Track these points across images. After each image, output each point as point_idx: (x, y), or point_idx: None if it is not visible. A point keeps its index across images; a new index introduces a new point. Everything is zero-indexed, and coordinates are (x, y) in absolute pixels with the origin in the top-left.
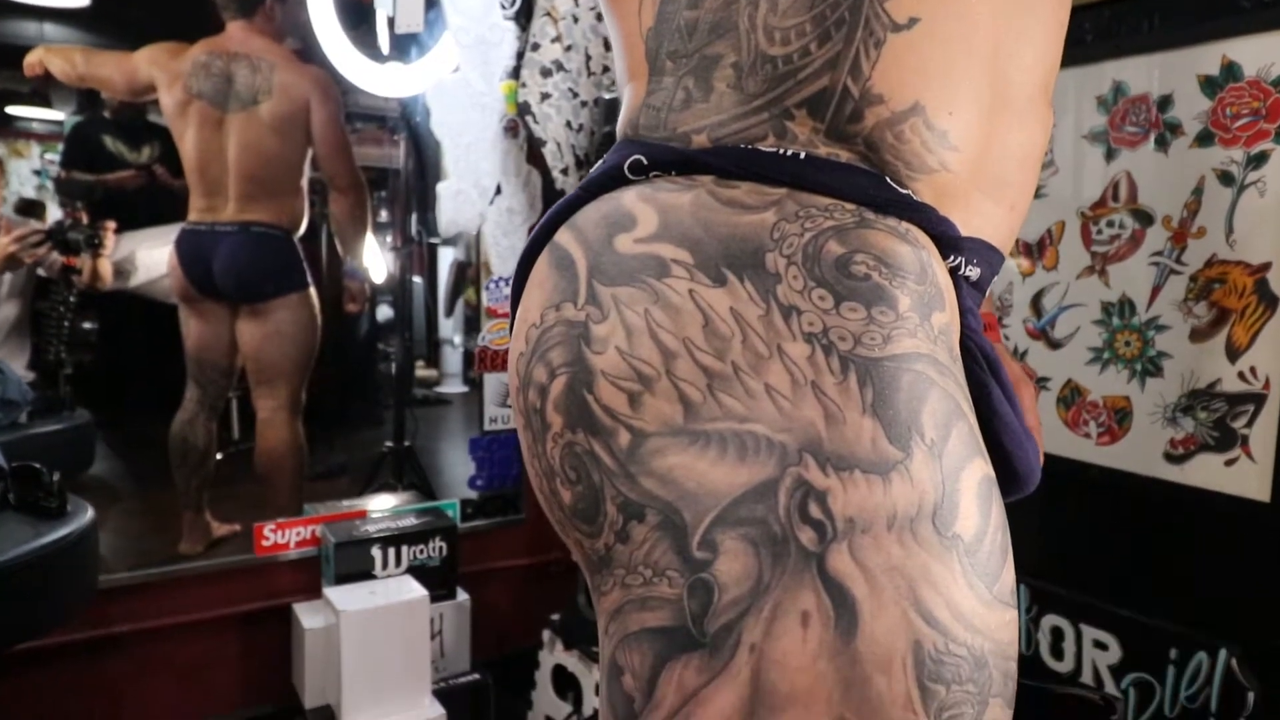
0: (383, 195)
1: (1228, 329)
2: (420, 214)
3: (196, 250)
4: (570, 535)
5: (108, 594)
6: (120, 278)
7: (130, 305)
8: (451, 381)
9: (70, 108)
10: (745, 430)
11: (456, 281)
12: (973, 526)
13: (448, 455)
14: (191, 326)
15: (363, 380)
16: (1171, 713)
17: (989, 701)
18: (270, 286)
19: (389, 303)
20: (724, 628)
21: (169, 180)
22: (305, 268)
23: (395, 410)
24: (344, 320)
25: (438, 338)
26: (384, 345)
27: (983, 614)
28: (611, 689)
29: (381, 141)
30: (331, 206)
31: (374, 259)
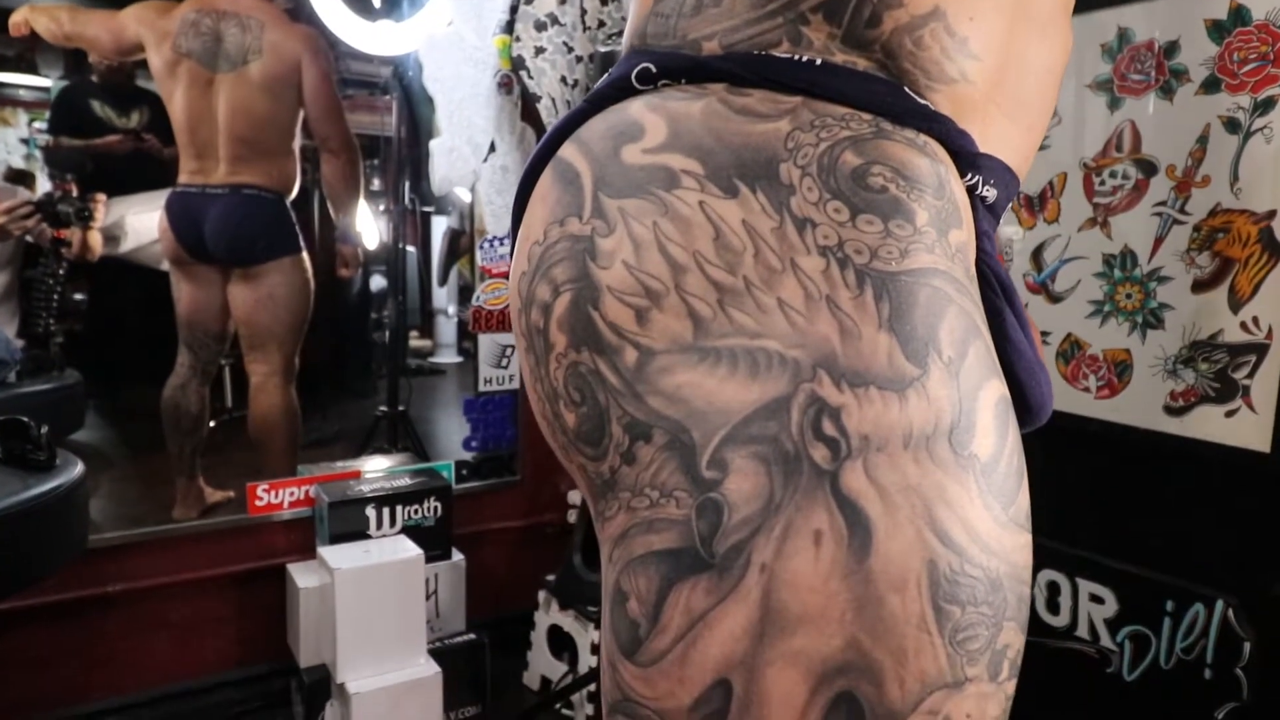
0: (375, 163)
1: (1230, 279)
2: (413, 182)
3: (187, 213)
4: (574, 460)
5: (100, 553)
6: (110, 243)
7: (120, 275)
8: (445, 352)
9: (57, 72)
10: (757, 346)
11: (450, 249)
12: (990, 447)
13: (442, 423)
14: (183, 290)
15: (356, 349)
16: (1167, 664)
17: (1003, 625)
18: (262, 250)
19: (382, 272)
20: (733, 548)
21: (158, 148)
22: (298, 231)
23: (389, 377)
24: (337, 287)
25: (431, 308)
26: (377, 314)
27: (998, 535)
28: (615, 616)
29: (374, 108)
30: (324, 169)
31: (367, 224)
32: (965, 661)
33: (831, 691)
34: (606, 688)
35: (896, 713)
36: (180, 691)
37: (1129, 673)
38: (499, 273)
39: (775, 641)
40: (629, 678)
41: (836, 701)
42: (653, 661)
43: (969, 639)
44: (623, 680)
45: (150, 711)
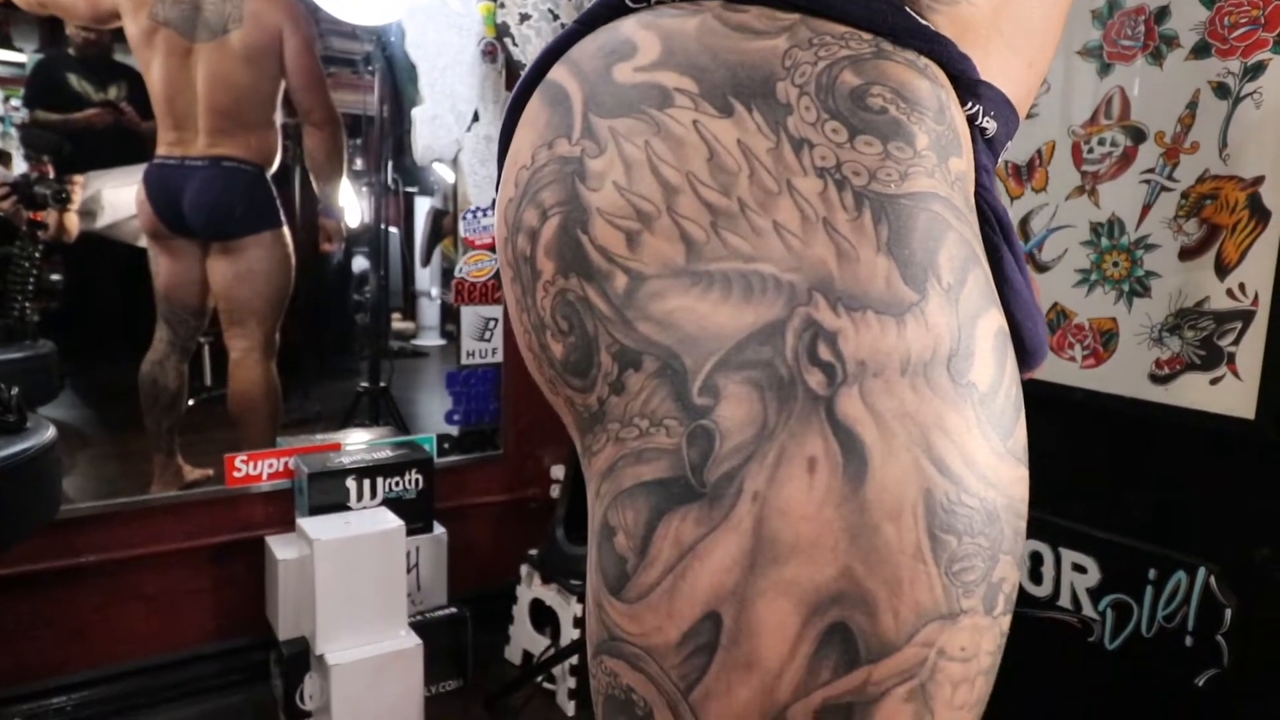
0: (357, 143)
1: (1218, 246)
2: (396, 161)
3: (165, 185)
4: (560, 394)
5: (73, 524)
6: (86, 219)
7: (97, 254)
8: (428, 334)
9: (33, 45)
10: (751, 270)
11: (434, 230)
12: (988, 376)
13: (424, 404)
14: (161, 264)
15: (338, 330)
16: (1149, 632)
17: (999, 557)
18: (242, 223)
19: (364, 253)
20: (725, 476)
21: (136, 120)
22: (278, 205)
23: (371, 355)
24: (319, 267)
25: (414, 290)
26: (359, 295)
27: (996, 466)
28: (602, 552)
29: (356, 87)
30: (306, 142)
31: (349, 202)
32: (961, 593)
33: (824, 622)
34: (592, 629)
35: (890, 644)
36: (157, 664)
37: (1110, 641)
38: (482, 244)
39: (767, 571)
40: (615, 615)
41: (829, 632)
42: (640, 596)
43: (965, 570)
44: (609, 619)
45: (127, 684)
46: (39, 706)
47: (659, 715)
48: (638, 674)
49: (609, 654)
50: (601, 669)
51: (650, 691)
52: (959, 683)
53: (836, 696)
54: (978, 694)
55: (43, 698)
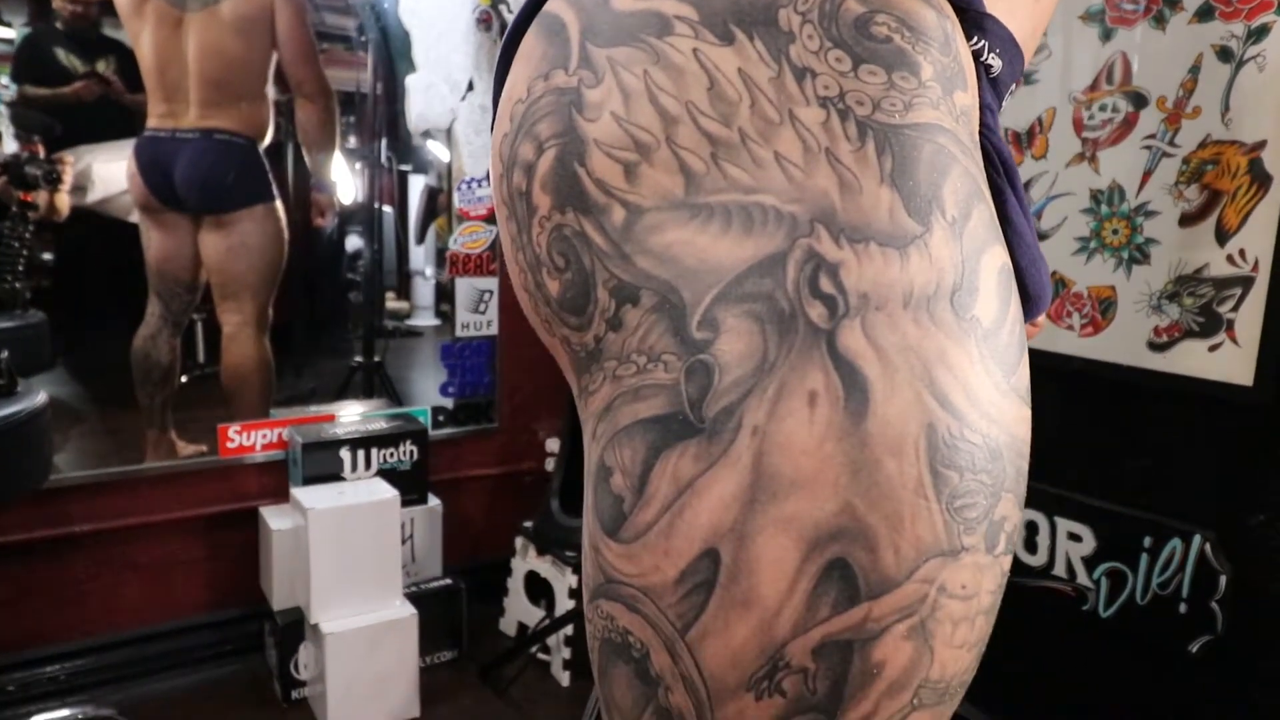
0: (351, 120)
1: (1218, 212)
2: (390, 139)
3: (156, 158)
4: (556, 334)
5: (65, 493)
6: (77, 193)
7: (89, 232)
8: (423, 314)
9: (21, 20)
10: (752, 202)
11: (428, 208)
12: (992, 312)
13: (419, 383)
14: (153, 238)
15: (332, 309)
16: (1143, 600)
17: (1001, 496)
18: (234, 197)
19: (358, 232)
20: (724, 411)
21: (122, 91)
22: (270, 178)
23: (365, 330)
24: (313, 245)
25: (409, 269)
26: (353, 274)
27: (999, 403)
28: (598, 494)
29: (348, 63)
30: (299, 115)
31: (343, 177)
32: (962, 530)
33: (824, 558)
34: (588, 574)
35: (890, 580)
36: (151, 634)
37: (1105, 609)
38: (477, 216)
39: (766, 507)
40: (611, 557)
41: (829, 569)
42: (637, 536)
43: (967, 507)
44: (605, 561)
45: (120, 654)
46: (32, 675)
47: (655, 657)
48: (635, 616)
49: (606, 597)
50: (598, 613)
51: (647, 633)
52: (959, 621)
53: (836, 633)
54: (978, 634)
55: (36, 666)
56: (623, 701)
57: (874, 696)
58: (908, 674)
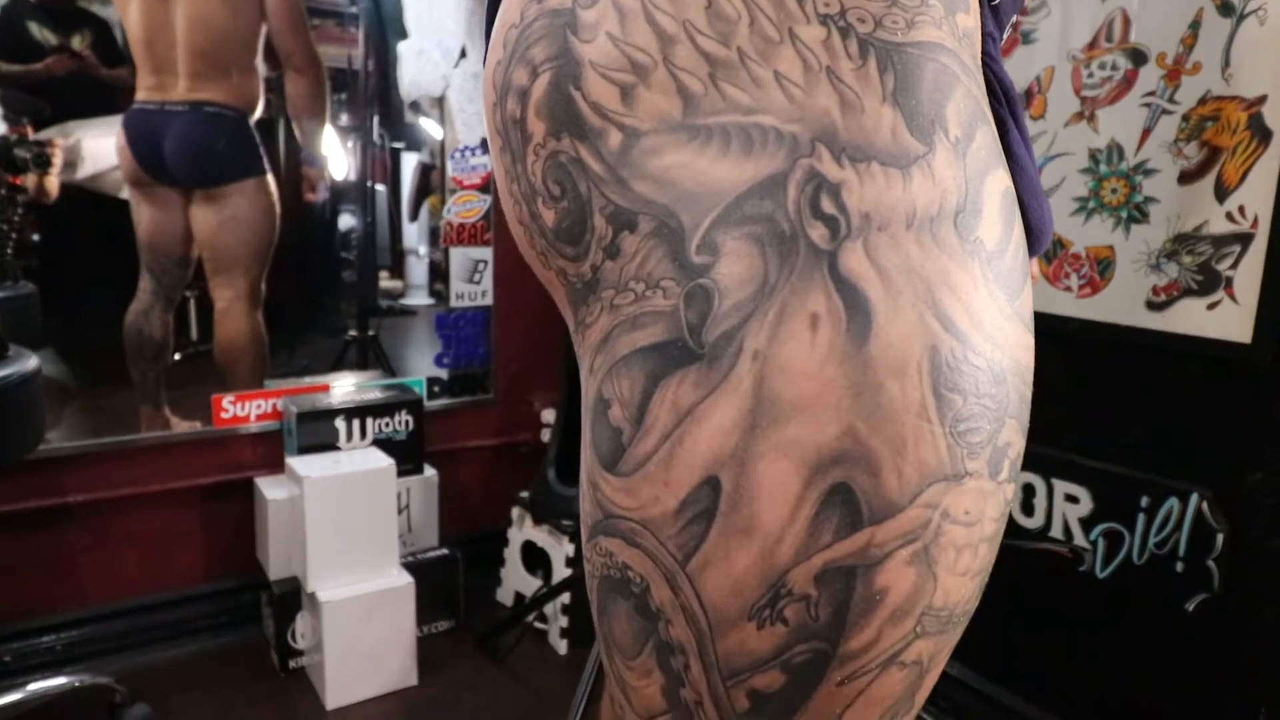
0: (342, 97)
1: (1218, 168)
2: (382, 116)
3: (145, 131)
4: (552, 266)
5: (58, 463)
6: (66, 169)
7: (79, 211)
8: (417, 293)
9: None
10: (751, 122)
11: (421, 185)
12: (995, 235)
13: (413, 360)
14: (143, 213)
15: (324, 286)
16: (1140, 560)
17: (1005, 421)
18: (225, 170)
19: (351, 211)
20: (724, 336)
21: (97, 66)
22: (261, 152)
23: (359, 303)
24: (305, 219)
25: (402, 248)
26: (346, 253)
27: (1003, 327)
28: (597, 428)
29: (340, 40)
30: (288, 88)
31: (334, 150)
32: (966, 454)
33: (826, 483)
34: (586, 512)
35: (893, 504)
36: (147, 605)
37: (1101, 570)
38: (470, 185)
39: (767, 433)
40: (610, 492)
41: (831, 493)
42: (636, 468)
43: (970, 431)
44: (603, 497)
45: (117, 624)
46: (28, 645)
47: (655, 590)
48: (634, 550)
49: (604, 534)
50: (597, 551)
51: (647, 566)
52: (963, 548)
53: (838, 559)
54: (981, 562)
55: (32, 637)
56: (622, 639)
57: (876, 624)
58: (911, 601)
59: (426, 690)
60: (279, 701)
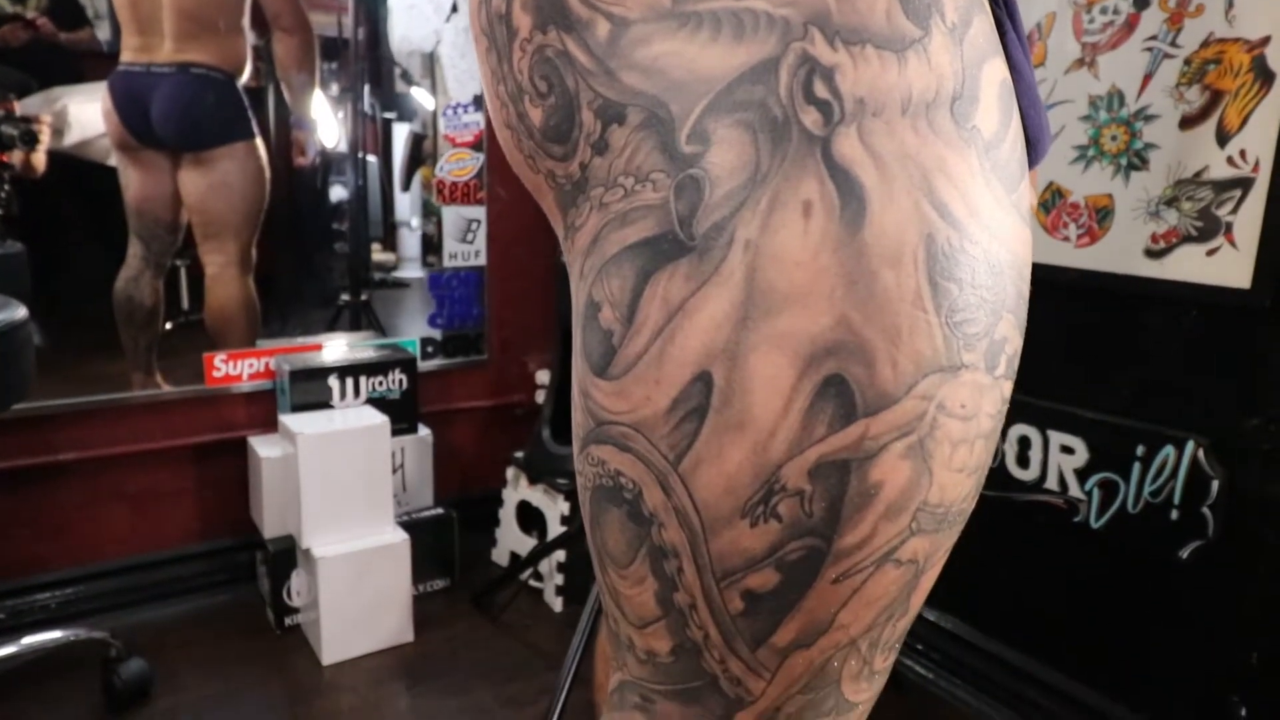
0: (332, 66)
1: (1219, 112)
2: (373, 86)
3: (132, 94)
4: (541, 169)
5: (49, 420)
6: (54, 136)
7: (66, 181)
8: (409, 266)
9: None
10: (742, 7)
11: (413, 155)
12: (993, 124)
13: (407, 331)
14: (131, 177)
15: (316, 259)
16: (1134, 509)
17: (1002, 315)
18: (213, 133)
19: (343, 182)
20: (715, 226)
21: (54, 33)
22: (250, 115)
23: (350, 265)
24: (296, 189)
25: (394, 220)
26: (338, 225)
27: (1000, 218)
28: (587, 334)
29: (330, 7)
30: (276, 49)
31: (323, 114)
32: (962, 346)
33: (820, 375)
34: (577, 423)
35: (888, 395)
36: (142, 563)
37: (1096, 520)
38: (463, 142)
39: (760, 324)
40: (601, 398)
41: (825, 385)
42: (627, 369)
43: (966, 321)
44: (594, 405)
45: (112, 582)
46: (24, 603)
47: (648, 494)
48: (626, 455)
49: (595, 442)
50: (588, 461)
51: (639, 470)
52: (959, 443)
53: (832, 453)
54: (977, 459)
55: (26, 594)
56: (615, 548)
57: (871, 519)
58: (906, 495)
59: (422, 646)
60: (275, 658)
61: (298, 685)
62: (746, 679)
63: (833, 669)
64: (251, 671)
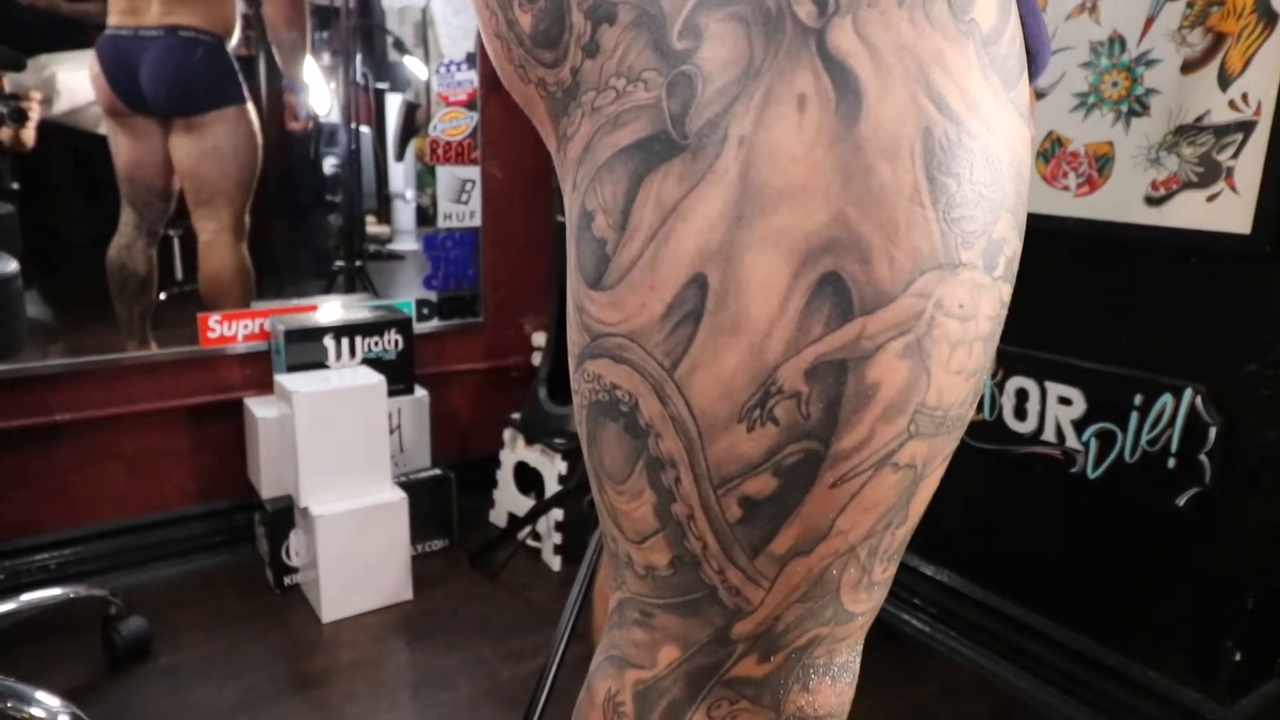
0: (324, 36)
1: (1222, 55)
2: (365, 55)
3: (120, 58)
4: (532, 78)
5: (44, 380)
6: (43, 105)
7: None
8: (404, 239)
9: None
10: None
11: (406, 124)
12: (991, 18)
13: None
14: (121, 144)
15: (310, 231)
16: (1132, 458)
17: (1000, 213)
18: (204, 98)
19: (335, 153)
20: (708, 123)
21: (57, 5)
22: (240, 79)
23: (345, 251)
24: (290, 160)
25: (388, 192)
26: (332, 197)
27: (999, 113)
28: (581, 246)
29: None
30: (266, 10)
31: (315, 78)
32: (960, 243)
33: (815, 273)
34: (573, 341)
35: (884, 293)
36: (140, 524)
37: (1093, 471)
38: (457, 101)
39: (754, 223)
40: (596, 310)
41: (821, 283)
42: (621, 277)
43: (964, 218)
44: (589, 318)
45: (111, 543)
46: (22, 563)
47: (644, 404)
48: (621, 367)
49: (591, 357)
50: (584, 378)
51: (634, 381)
52: (957, 344)
53: (829, 353)
54: (975, 362)
55: (25, 555)
56: (612, 464)
57: (869, 420)
58: (904, 396)
59: (421, 604)
60: (275, 616)
61: (298, 641)
62: (745, 588)
63: (831, 577)
64: (251, 629)
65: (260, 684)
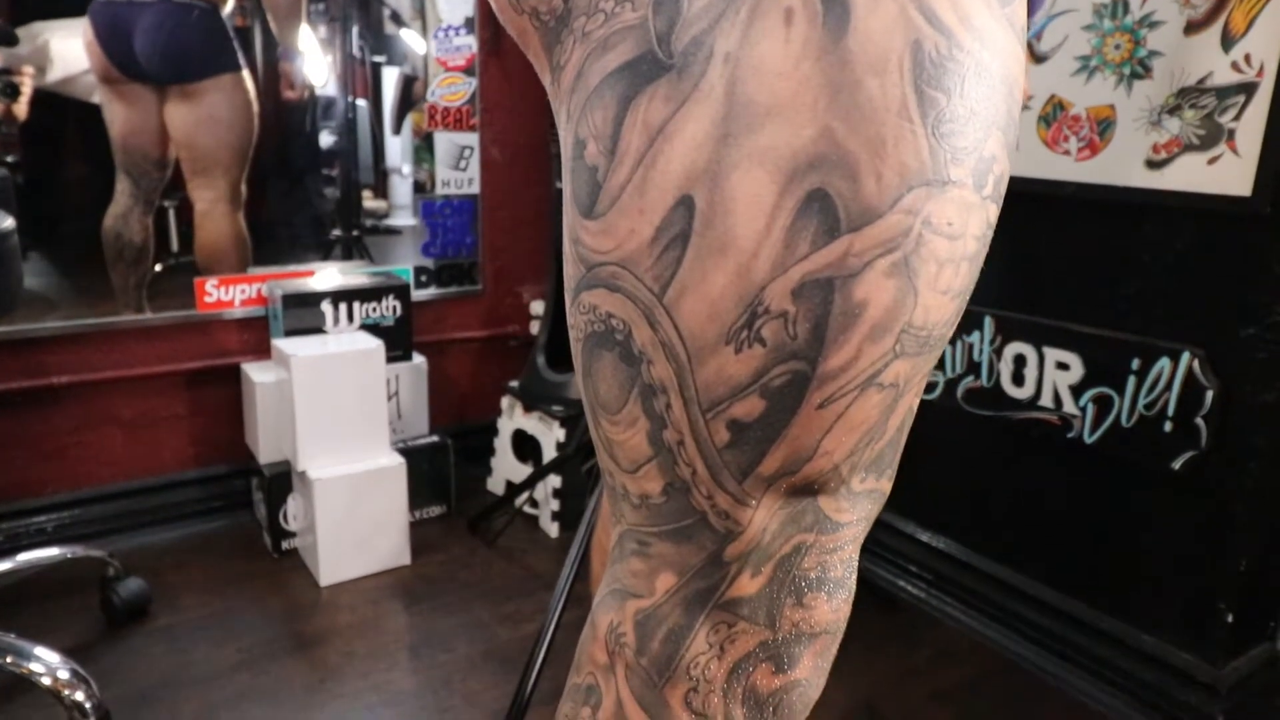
0: (321, 7)
1: (1225, 15)
2: (362, 27)
3: (114, 24)
4: (525, 8)
5: (41, 343)
6: (36, 75)
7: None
8: (401, 214)
9: None
10: None
11: (403, 98)
12: None
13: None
14: (116, 112)
15: (306, 206)
16: (1129, 422)
17: (991, 131)
18: (198, 65)
19: (331, 128)
20: (693, 41)
21: None
22: (236, 47)
23: (343, 225)
24: (286, 132)
25: (385, 167)
26: (328, 171)
27: (992, 27)
28: (575, 175)
29: None
30: None
31: (311, 48)
32: (949, 159)
33: (802, 190)
34: (568, 274)
35: (872, 210)
36: (137, 489)
37: (1089, 435)
38: (455, 66)
39: (740, 141)
40: (589, 239)
41: (808, 201)
42: (612, 202)
43: (954, 134)
44: (583, 249)
45: (109, 506)
46: (20, 525)
47: (637, 332)
48: (615, 295)
49: (586, 288)
50: (579, 310)
51: (627, 308)
52: (944, 262)
53: (816, 271)
54: (962, 282)
55: (23, 517)
56: (608, 394)
57: (856, 340)
58: (890, 315)
59: (419, 568)
60: (273, 579)
61: (295, 604)
62: (734, 511)
63: (807, 486)
64: (249, 592)
65: (258, 644)
